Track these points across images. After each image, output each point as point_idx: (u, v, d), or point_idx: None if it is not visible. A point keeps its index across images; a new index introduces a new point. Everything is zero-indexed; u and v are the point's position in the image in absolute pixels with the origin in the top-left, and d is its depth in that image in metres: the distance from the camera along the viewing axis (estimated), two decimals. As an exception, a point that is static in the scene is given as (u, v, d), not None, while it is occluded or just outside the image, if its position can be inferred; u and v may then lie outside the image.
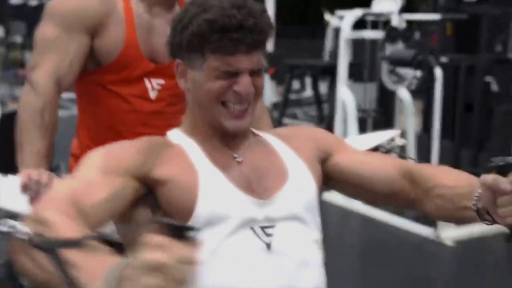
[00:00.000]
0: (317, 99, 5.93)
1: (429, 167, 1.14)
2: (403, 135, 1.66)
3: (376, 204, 1.32)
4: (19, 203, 1.23)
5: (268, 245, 1.00)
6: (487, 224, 0.97)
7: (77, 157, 1.53)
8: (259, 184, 1.04)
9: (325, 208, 1.16)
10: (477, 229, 3.57)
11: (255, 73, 1.03)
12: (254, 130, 1.15)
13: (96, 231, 0.85)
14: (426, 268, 3.29)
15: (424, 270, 3.26)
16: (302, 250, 1.03)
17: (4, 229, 0.78)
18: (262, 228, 1.00)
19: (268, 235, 1.00)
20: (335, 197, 4.07)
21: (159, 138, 1.09)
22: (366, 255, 3.50)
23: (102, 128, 1.52)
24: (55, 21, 1.43)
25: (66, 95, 1.60)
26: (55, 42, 1.41)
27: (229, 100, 1.02)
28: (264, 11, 1.02)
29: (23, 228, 0.76)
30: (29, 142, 1.34)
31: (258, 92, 1.04)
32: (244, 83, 1.00)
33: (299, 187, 1.06)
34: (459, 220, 1.06)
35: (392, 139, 1.55)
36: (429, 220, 3.53)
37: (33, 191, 1.25)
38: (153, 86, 1.50)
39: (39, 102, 1.37)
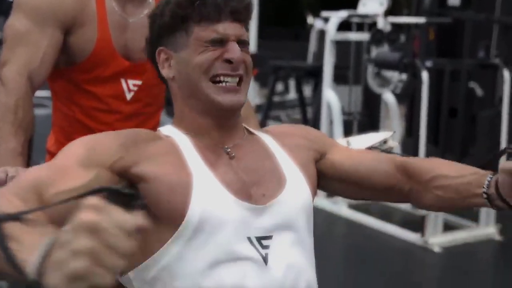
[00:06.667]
0: (301, 102, 5.86)
1: (424, 160, 1.12)
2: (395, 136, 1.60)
3: (372, 200, 1.27)
4: None
5: (265, 258, 0.94)
6: (496, 209, 0.95)
7: (52, 154, 1.48)
8: (255, 189, 0.98)
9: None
10: (464, 235, 3.55)
11: (242, 46, 0.99)
12: (248, 128, 1.10)
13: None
14: (413, 274, 3.26)
15: (411, 276, 3.23)
16: (298, 264, 0.97)
17: None
18: (259, 239, 0.94)
19: (264, 247, 0.94)
20: (320, 201, 4.01)
21: (148, 132, 1.02)
22: (352, 260, 3.46)
23: (76, 126, 1.47)
24: (25, 13, 1.35)
25: (43, 92, 1.53)
26: (26, 35, 1.34)
27: (220, 73, 0.97)
28: None
29: None
30: (3, 140, 1.28)
31: (247, 68, 1.00)
32: (233, 49, 0.97)
33: (296, 195, 1.01)
34: (463, 208, 1.04)
35: (385, 141, 1.50)
36: (416, 226, 3.50)
37: None
38: (129, 87, 1.46)
39: (10, 99, 1.30)
